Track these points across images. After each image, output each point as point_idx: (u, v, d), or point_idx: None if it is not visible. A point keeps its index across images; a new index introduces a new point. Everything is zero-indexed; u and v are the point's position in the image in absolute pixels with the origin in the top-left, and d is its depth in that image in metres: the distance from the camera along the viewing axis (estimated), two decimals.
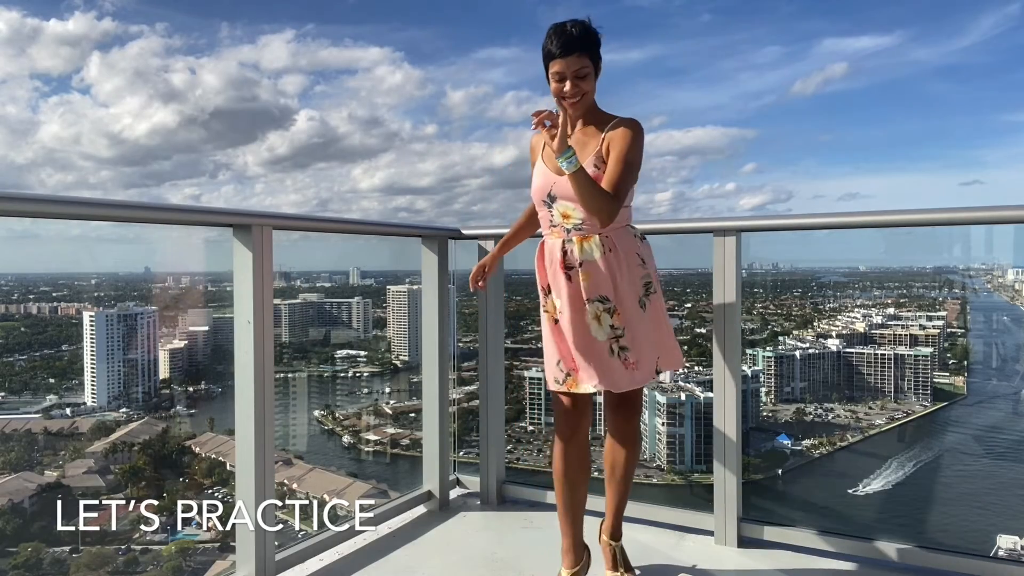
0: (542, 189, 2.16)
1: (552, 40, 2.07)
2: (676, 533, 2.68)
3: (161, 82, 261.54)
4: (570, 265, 2.12)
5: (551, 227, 2.17)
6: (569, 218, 2.12)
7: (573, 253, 2.11)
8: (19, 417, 9.73)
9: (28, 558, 8.21)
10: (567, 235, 2.13)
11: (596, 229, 2.11)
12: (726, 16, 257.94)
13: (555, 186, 2.12)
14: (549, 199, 2.14)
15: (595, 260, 2.11)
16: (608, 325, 2.11)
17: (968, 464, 10.30)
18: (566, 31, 2.05)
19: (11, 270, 13.36)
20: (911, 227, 2.50)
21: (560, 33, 2.06)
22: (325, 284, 11.58)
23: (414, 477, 3.14)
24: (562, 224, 2.13)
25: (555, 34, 2.07)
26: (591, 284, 2.10)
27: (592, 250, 2.11)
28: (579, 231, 2.12)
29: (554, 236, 2.16)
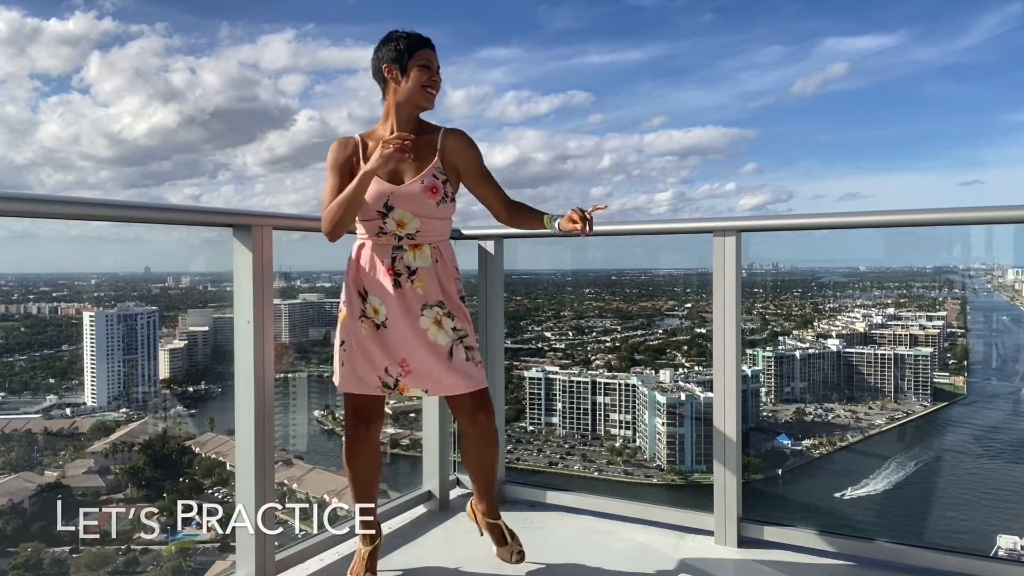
0: (379, 199, 2.10)
1: (410, 36, 2.13)
2: (676, 533, 2.68)
3: (161, 82, 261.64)
4: (399, 271, 2.14)
5: (379, 234, 2.15)
6: (404, 226, 2.14)
7: (403, 260, 2.14)
8: (19, 417, 9.73)
9: (28, 558, 8.21)
10: (397, 242, 2.15)
11: (428, 239, 2.17)
12: (728, 16, 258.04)
13: (392, 196, 2.11)
14: (386, 208, 2.12)
15: (428, 268, 2.16)
16: (450, 328, 2.15)
17: (968, 464, 10.30)
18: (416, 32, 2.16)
19: (11, 270, 13.38)
20: (911, 227, 2.50)
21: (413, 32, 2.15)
22: (325, 284, 11.59)
23: (414, 477, 3.14)
24: (394, 232, 2.15)
25: (408, 33, 2.14)
26: (425, 291, 2.14)
27: (425, 258, 2.16)
28: (411, 239, 2.15)
29: (381, 242, 2.16)
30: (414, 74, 2.11)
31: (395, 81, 2.13)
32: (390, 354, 2.14)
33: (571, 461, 11.75)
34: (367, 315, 2.15)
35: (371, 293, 2.14)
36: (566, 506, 2.96)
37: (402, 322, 2.12)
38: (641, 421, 11.57)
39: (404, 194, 2.11)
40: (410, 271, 2.14)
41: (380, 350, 2.14)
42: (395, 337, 2.13)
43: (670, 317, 13.75)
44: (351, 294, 2.17)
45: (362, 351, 2.15)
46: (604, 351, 13.20)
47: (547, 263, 16.48)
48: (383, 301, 2.13)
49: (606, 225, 3.10)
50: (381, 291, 2.13)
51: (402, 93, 2.13)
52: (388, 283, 2.12)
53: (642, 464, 11.39)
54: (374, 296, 2.14)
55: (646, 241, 3.80)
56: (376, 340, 2.14)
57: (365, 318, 2.15)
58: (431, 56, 2.14)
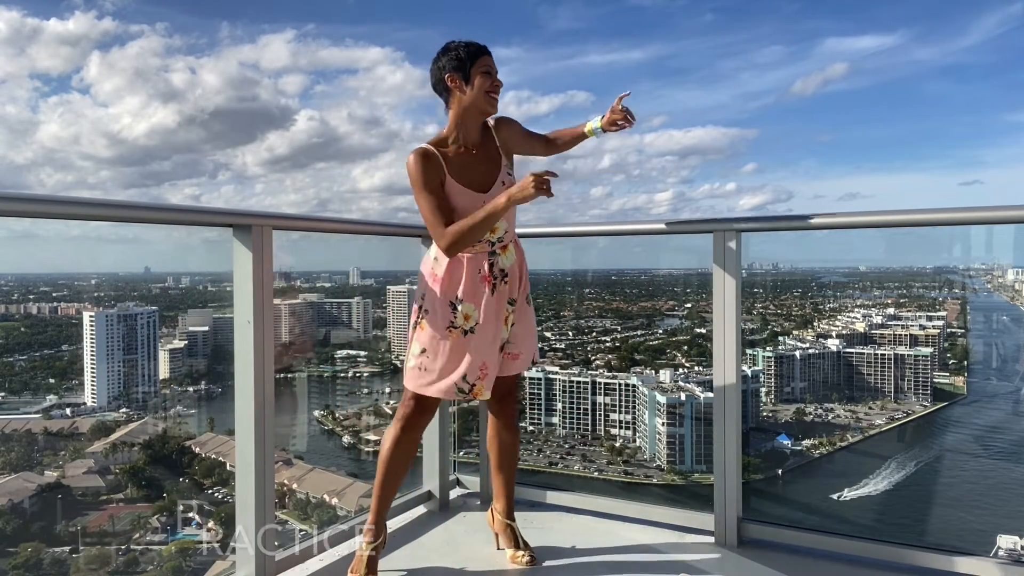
0: (472, 210, 2.13)
1: (469, 45, 2.18)
2: (676, 533, 2.68)
3: (161, 82, 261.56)
4: (496, 276, 2.22)
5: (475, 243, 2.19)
6: (495, 231, 2.21)
7: (498, 264, 2.23)
8: (19, 417, 9.74)
9: (28, 558, 8.21)
10: (491, 247, 2.23)
11: (510, 238, 2.30)
12: (729, 16, 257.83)
13: (485, 203, 2.15)
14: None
15: (513, 265, 2.27)
16: (510, 324, 2.29)
17: (968, 464, 10.30)
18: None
19: (11, 270, 13.40)
20: (911, 227, 2.49)
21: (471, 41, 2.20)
22: (325, 284, 11.59)
23: (414, 477, 3.14)
24: (487, 239, 2.21)
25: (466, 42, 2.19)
26: (510, 289, 2.26)
27: (511, 257, 2.27)
28: (500, 242, 2.25)
29: (477, 250, 2.21)
30: (477, 81, 2.16)
31: (459, 90, 2.17)
32: (473, 361, 2.19)
33: (571, 461, 11.76)
34: (456, 325, 2.18)
35: (465, 300, 2.19)
36: (566, 506, 2.96)
37: (491, 326, 2.20)
38: (641, 421, 11.57)
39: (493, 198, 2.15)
40: (503, 274, 2.24)
41: (465, 359, 2.18)
42: (481, 341, 2.19)
43: (670, 317, 13.75)
44: (440, 305, 2.19)
45: (446, 360, 2.18)
46: (604, 351, 13.21)
47: (547, 263, 16.49)
48: (477, 307, 2.19)
49: (606, 225, 3.10)
50: (477, 298, 2.19)
51: (468, 101, 2.17)
52: (487, 289, 2.19)
53: (642, 464, 11.39)
54: (468, 303, 2.19)
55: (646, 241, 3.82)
56: (462, 348, 2.18)
57: (454, 328, 2.18)
58: (491, 62, 2.19)
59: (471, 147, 2.22)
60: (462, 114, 2.19)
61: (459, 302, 2.18)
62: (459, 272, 2.19)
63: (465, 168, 2.18)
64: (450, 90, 2.18)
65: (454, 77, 2.16)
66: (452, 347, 2.18)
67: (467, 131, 2.21)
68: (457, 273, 2.19)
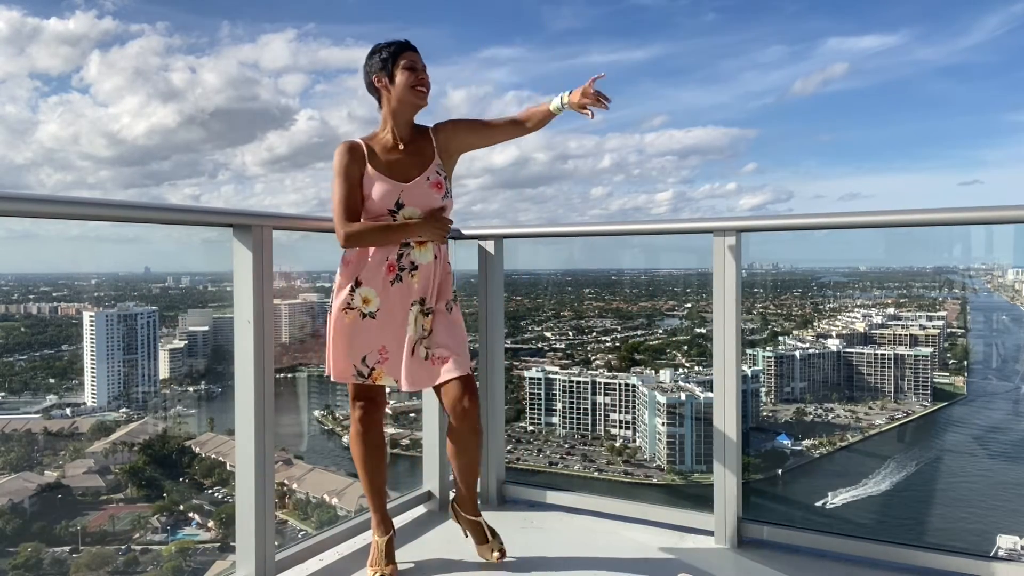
0: (389, 197, 2.20)
1: (390, 44, 2.24)
2: (676, 533, 2.68)
3: (161, 81, 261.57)
4: (402, 267, 2.23)
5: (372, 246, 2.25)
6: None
7: (409, 256, 2.23)
8: (19, 417, 9.74)
9: (28, 558, 8.22)
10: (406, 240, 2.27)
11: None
12: (730, 15, 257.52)
13: (403, 193, 2.21)
14: (396, 206, 2.21)
15: (429, 264, 2.26)
16: (420, 326, 2.25)
17: (968, 464, 10.31)
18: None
19: (11, 270, 13.40)
20: (911, 227, 2.49)
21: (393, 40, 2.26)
22: (325, 284, 11.59)
23: (414, 477, 3.14)
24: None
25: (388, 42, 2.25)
26: (420, 287, 2.25)
27: (427, 254, 2.26)
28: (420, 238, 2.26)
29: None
30: (401, 77, 2.21)
31: (386, 89, 2.23)
32: (370, 343, 2.21)
33: (571, 461, 11.76)
34: (353, 306, 2.21)
35: (365, 284, 2.21)
36: (566, 506, 2.96)
37: (391, 315, 2.21)
38: (641, 421, 11.58)
39: (413, 191, 2.22)
40: (412, 266, 2.23)
41: (360, 340, 2.21)
42: (379, 327, 2.21)
43: (670, 317, 13.76)
44: (340, 286, 2.24)
45: (345, 341, 2.22)
46: (604, 351, 13.21)
47: (547, 263, 16.50)
48: (377, 293, 2.21)
49: (606, 225, 3.09)
50: (377, 283, 2.21)
51: (395, 98, 2.23)
52: (387, 277, 2.21)
53: (642, 464, 11.40)
54: (368, 287, 2.21)
55: (646, 241, 3.81)
56: (358, 330, 2.21)
57: (350, 309, 2.21)
58: (414, 57, 2.24)
59: (401, 142, 2.27)
60: (392, 112, 2.24)
61: (358, 285, 2.21)
62: (365, 256, 2.22)
63: (390, 160, 2.23)
64: (378, 90, 2.25)
65: (379, 77, 2.22)
66: (349, 328, 2.21)
67: (398, 127, 2.26)
68: (363, 257, 2.22)
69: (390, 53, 2.22)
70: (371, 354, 2.22)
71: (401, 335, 2.22)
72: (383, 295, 2.21)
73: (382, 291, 2.21)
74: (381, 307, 2.21)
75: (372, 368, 2.23)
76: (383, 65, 2.22)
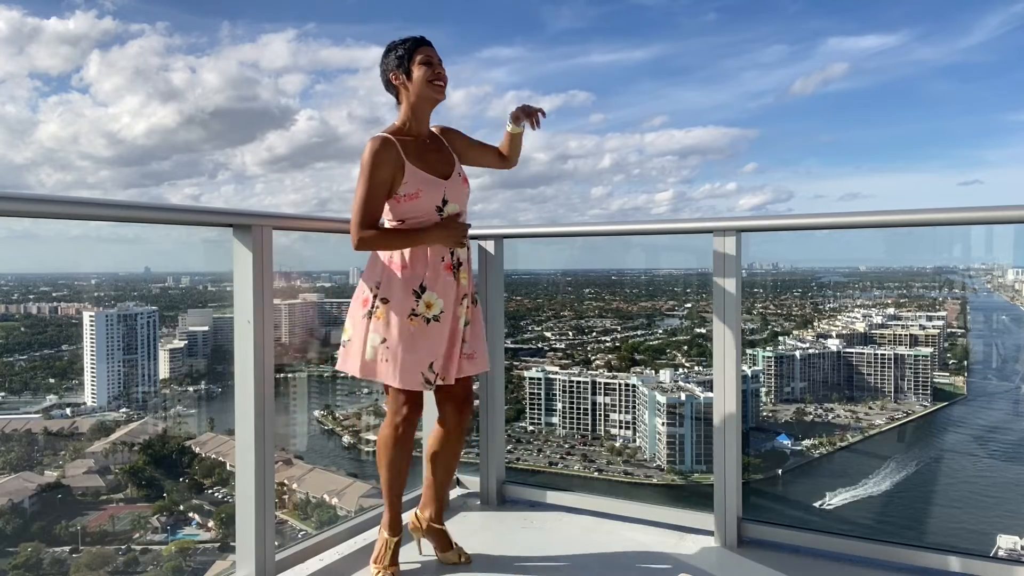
0: (436, 194, 2.19)
1: (406, 40, 2.23)
2: (676, 533, 2.68)
3: (161, 81, 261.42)
4: (454, 264, 2.24)
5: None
6: (459, 218, 2.27)
7: (456, 254, 2.25)
8: (19, 417, 9.73)
9: (28, 558, 8.21)
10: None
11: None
12: (732, 15, 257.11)
13: (447, 189, 2.21)
14: (443, 203, 2.21)
15: (466, 258, 2.30)
16: (465, 321, 2.28)
17: (968, 464, 10.30)
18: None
19: (11, 270, 13.40)
20: (911, 227, 2.49)
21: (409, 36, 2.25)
22: (325, 284, 11.58)
23: (414, 477, 3.14)
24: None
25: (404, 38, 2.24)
26: (466, 282, 2.28)
27: (465, 251, 2.30)
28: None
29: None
30: (418, 72, 2.19)
31: (404, 85, 2.21)
32: (435, 349, 2.18)
33: (571, 461, 11.75)
34: (417, 312, 2.16)
35: (429, 288, 2.18)
36: (566, 506, 2.96)
37: (451, 314, 2.21)
38: (641, 421, 11.57)
39: (453, 187, 2.23)
40: (459, 264, 2.25)
41: (427, 347, 2.17)
42: (443, 330, 2.19)
43: (670, 317, 13.75)
44: (402, 292, 2.16)
45: (410, 349, 2.15)
46: (604, 351, 13.20)
47: (547, 263, 16.50)
48: (441, 295, 2.19)
49: (606, 225, 3.10)
50: (440, 285, 2.19)
51: (413, 94, 2.21)
52: (448, 277, 2.21)
53: (642, 464, 11.39)
54: (432, 291, 2.18)
55: (646, 241, 3.81)
56: (424, 336, 2.17)
57: (415, 316, 2.16)
58: (429, 51, 2.21)
59: (424, 137, 2.26)
60: (411, 107, 2.23)
61: (422, 291, 2.17)
62: (423, 260, 2.18)
63: (423, 155, 2.21)
64: (396, 87, 2.23)
65: (397, 74, 2.21)
66: (416, 336, 2.16)
67: (419, 123, 2.25)
68: (421, 261, 2.18)
69: (406, 49, 2.20)
70: (437, 361, 2.19)
71: (456, 333, 2.24)
72: (445, 296, 2.20)
73: (443, 292, 2.20)
74: (444, 310, 2.20)
75: (436, 375, 2.19)
76: (399, 62, 2.21)
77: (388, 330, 2.15)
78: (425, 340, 2.17)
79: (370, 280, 2.21)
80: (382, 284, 2.18)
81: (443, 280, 2.19)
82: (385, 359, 2.16)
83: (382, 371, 2.17)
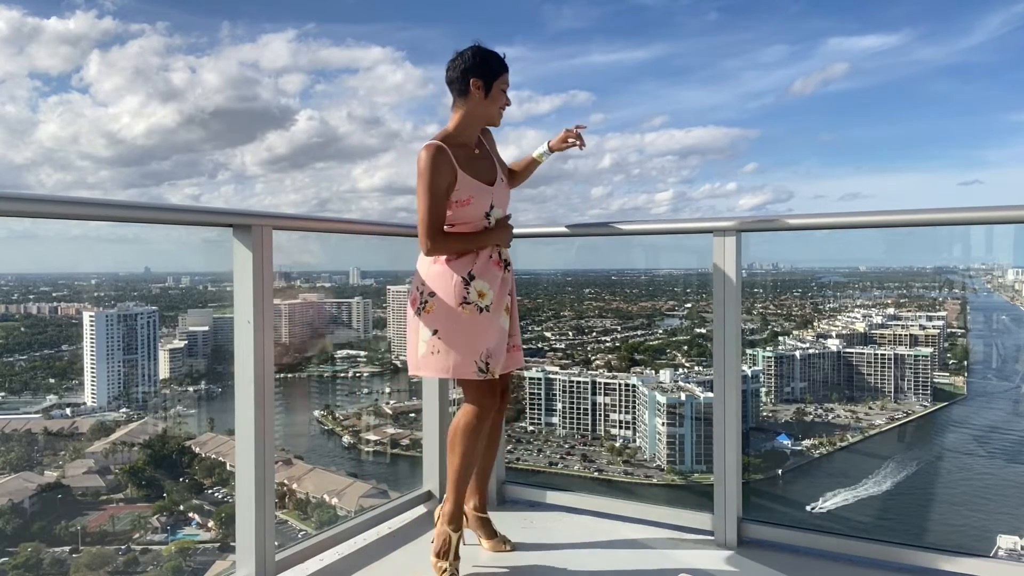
0: (485, 199, 2.25)
1: (498, 57, 2.27)
2: (676, 533, 2.68)
3: (161, 81, 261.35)
4: (503, 263, 2.33)
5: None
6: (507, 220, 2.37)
7: (503, 254, 2.34)
8: (19, 417, 9.74)
9: (28, 558, 8.22)
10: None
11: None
12: (733, 15, 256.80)
13: (494, 195, 2.29)
14: (490, 208, 2.28)
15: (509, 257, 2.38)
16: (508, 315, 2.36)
17: (968, 464, 10.30)
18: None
19: (11, 270, 13.40)
20: (911, 227, 2.49)
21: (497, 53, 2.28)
22: (325, 284, 11.58)
23: (414, 477, 3.14)
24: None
25: (494, 53, 2.27)
26: (511, 280, 2.36)
27: (507, 251, 2.38)
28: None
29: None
30: (497, 95, 2.26)
31: (478, 95, 2.23)
32: (487, 338, 2.22)
33: (571, 461, 11.76)
34: (469, 300, 2.20)
35: (478, 277, 2.22)
36: (566, 506, 2.96)
37: (499, 307, 2.27)
38: (641, 421, 11.58)
39: (498, 192, 2.30)
40: (507, 264, 2.34)
41: (480, 336, 2.21)
42: (491, 321, 2.24)
43: (670, 317, 13.75)
44: (450, 281, 2.19)
45: (464, 337, 2.19)
46: (604, 351, 13.21)
47: (547, 263, 16.49)
48: (491, 287, 2.24)
49: (606, 225, 3.10)
50: (490, 278, 2.25)
51: (480, 108, 2.25)
52: (498, 272, 2.28)
53: (642, 464, 11.39)
54: (482, 280, 2.22)
55: (646, 241, 3.83)
56: (478, 325, 2.20)
57: (466, 304, 2.19)
58: (508, 81, 2.30)
59: (473, 146, 2.29)
60: (468, 117, 2.25)
61: (471, 278, 2.20)
62: (471, 252, 2.25)
63: (471, 163, 2.24)
64: (468, 91, 2.22)
65: (479, 82, 2.22)
66: (468, 323, 2.18)
67: (471, 133, 2.28)
68: (469, 255, 2.24)
69: (497, 65, 2.25)
70: (488, 349, 2.22)
71: (505, 332, 2.30)
72: (495, 288, 2.24)
73: (492, 282, 2.24)
74: (494, 301, 2.24)
75: (488, 363, 2.21)
76: (487, 73, 2.22)
77: (440, 321, 2.19)
78: (480, 328, 2.20)
79: (417, 280, 2.27)
80: (426, 280, 2.24)
81: (491, 272, 2.25)
82: (436, 351, 2.19)
83: (433, 364, 2.20)
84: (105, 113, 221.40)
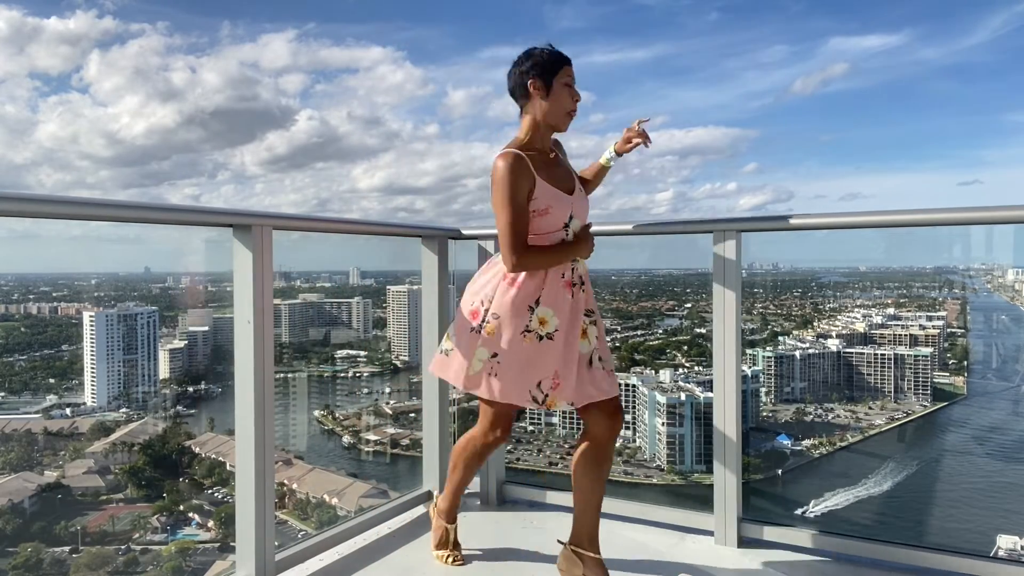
0: (565, 211, 2.13)
1: (553, 51, 2.14)
2: (676, 533, 2.68)
3: (161, 81, 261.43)
4: (575, 282, 2.17)
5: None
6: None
7: (577, 271, 2.19)
8: (19, 417, 9.74)
9: (28, 558, 8.21)
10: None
11: None
12: (734, 15, 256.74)
13: (573, 206, 2.16)
14: (569, 219, 2.15)
15: (586, 272, 2.25)
16: (593, 337, 2.19)
17: (968, 464, 10.30)
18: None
19: (11, 270, 13.39)
20: (911, 227, 2.49)
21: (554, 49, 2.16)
22: (325, 284, 11.58)
23: (414, 477, 3.14)
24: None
25: (550, 49, 2.15)
26: (587, 298, 2.21)
27: (585, 266, 2.25)
28: None
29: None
30: (559, 92, 2.13)
31: (540, 96, 2.13)
32: (546, 368, 2.10)
33: (571, 461, 11.75)
34: (530, 329, 2.10)
35: (544, 304, 2.11)
36: (566, 506, 2.95)
37: (568, 332, 2.12)
38: (641, 421, 11.57)
39: (577, 202, 2.19)
40: (581, 281, 2.19)
41: (539, 364, 2.10)
42: (554, 348, 2.11)
43: (670, 317, 13.75)
44: (515, 307, 2.11)
45: (519, 366, 2.10)
46: None
47: None
48: (556, 312, 2.11)
49: (606, 225, 3.10)
50: (557, 302, 2.12)
51: (544, 111, 2.14)
52: (567, 294, 2.14)
53: (642, 464, 11.39)
54: (546, 307, 2.11)
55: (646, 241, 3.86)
56: (537, 353, 2.10)
57: (528, 332, 2.10)
58: (572, 73, 2.15)
59: (548, 152, 2.21)
60: (536, 124, 2.16)
61: (536, 306, 2.11)
62: (539, 275, 2.12)
63: (550, 170, 2.14)
64: (530, 96, 2.14)
65: (536, 82, 2.11)
66: (527, 352, 2.09)
67: (543, 139, 2.18)
68: (538, 277, 2.12)
69: (552, 59, 2.12)
70: (546, 380, 2.10)
71: (575, 352, 2.12)
72: (562, 314, 2.12)
73: (561, 310, 2.12)
74: (559, 327, 2.11)
75: (546, 395, 2.10)
76: (542, 71, 2.11)
77: (499, 345, 2.10)
78: (537, 357, 2.10)
79: (480, 292, 2.17)
80: (495, 299, 2.13)
81: (560, 296, 2.12)
82: (493, 373, 2.12)
83: (485, 386, 2.13)
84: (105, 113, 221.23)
